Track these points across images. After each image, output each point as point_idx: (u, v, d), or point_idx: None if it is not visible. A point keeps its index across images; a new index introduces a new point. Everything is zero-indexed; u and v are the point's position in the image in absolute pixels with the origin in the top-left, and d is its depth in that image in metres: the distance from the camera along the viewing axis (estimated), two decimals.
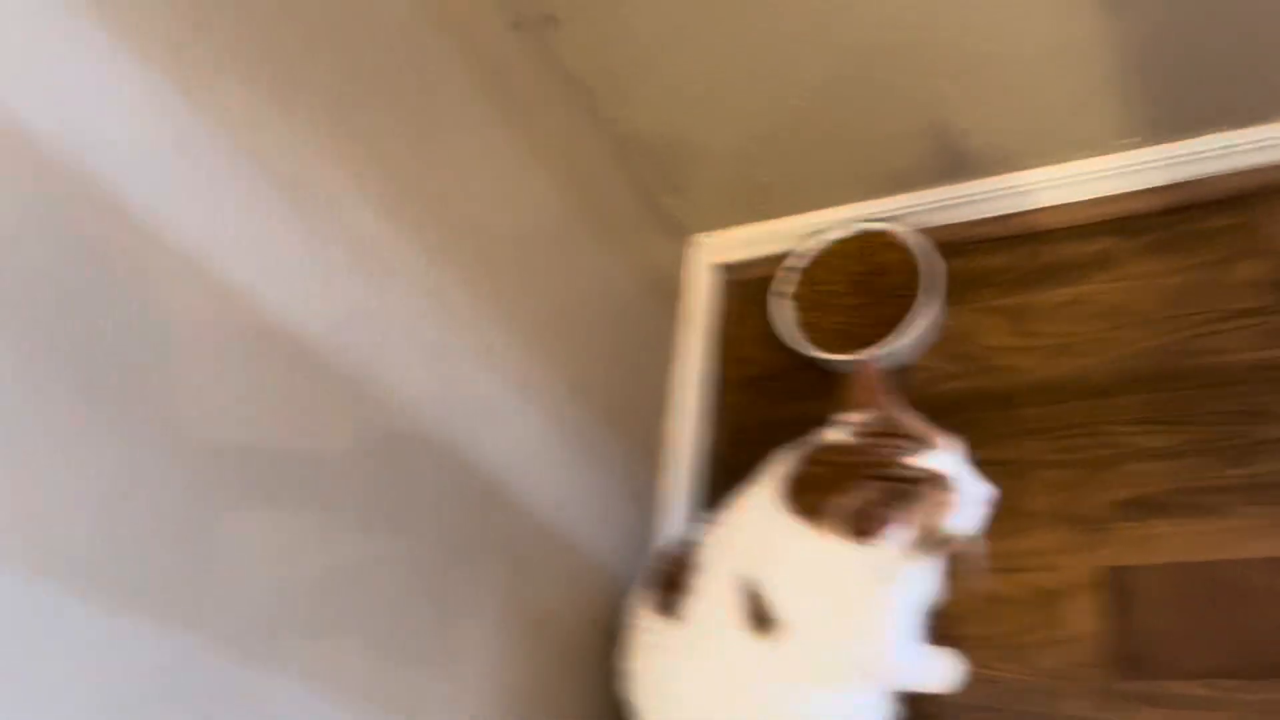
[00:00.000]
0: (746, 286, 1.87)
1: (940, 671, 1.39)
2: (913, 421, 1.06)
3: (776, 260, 1.77)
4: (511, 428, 1.25)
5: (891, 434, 1.03)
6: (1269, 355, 1.43)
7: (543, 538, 1.30)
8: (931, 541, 1.03)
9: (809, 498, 1.06)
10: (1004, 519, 1.44)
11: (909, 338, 1.59)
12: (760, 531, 1.09)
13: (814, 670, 1.15)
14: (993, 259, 1.68)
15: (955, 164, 1.61)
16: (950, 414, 1.58)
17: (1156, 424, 1.45)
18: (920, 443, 1.03)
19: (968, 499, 1.03)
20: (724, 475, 1.71)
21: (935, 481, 1.01)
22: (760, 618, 1.11)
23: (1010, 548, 1.47)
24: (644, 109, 1.56)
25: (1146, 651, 1.33)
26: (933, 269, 1.62)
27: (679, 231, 1.83)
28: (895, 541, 1.00)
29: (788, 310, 1.72)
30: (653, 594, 1.24)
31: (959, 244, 1.70)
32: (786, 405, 1.72)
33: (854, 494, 1.00)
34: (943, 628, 1.31)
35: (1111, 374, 1.51)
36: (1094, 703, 1.34)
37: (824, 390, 1.64)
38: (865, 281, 1.69)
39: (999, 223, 1.69)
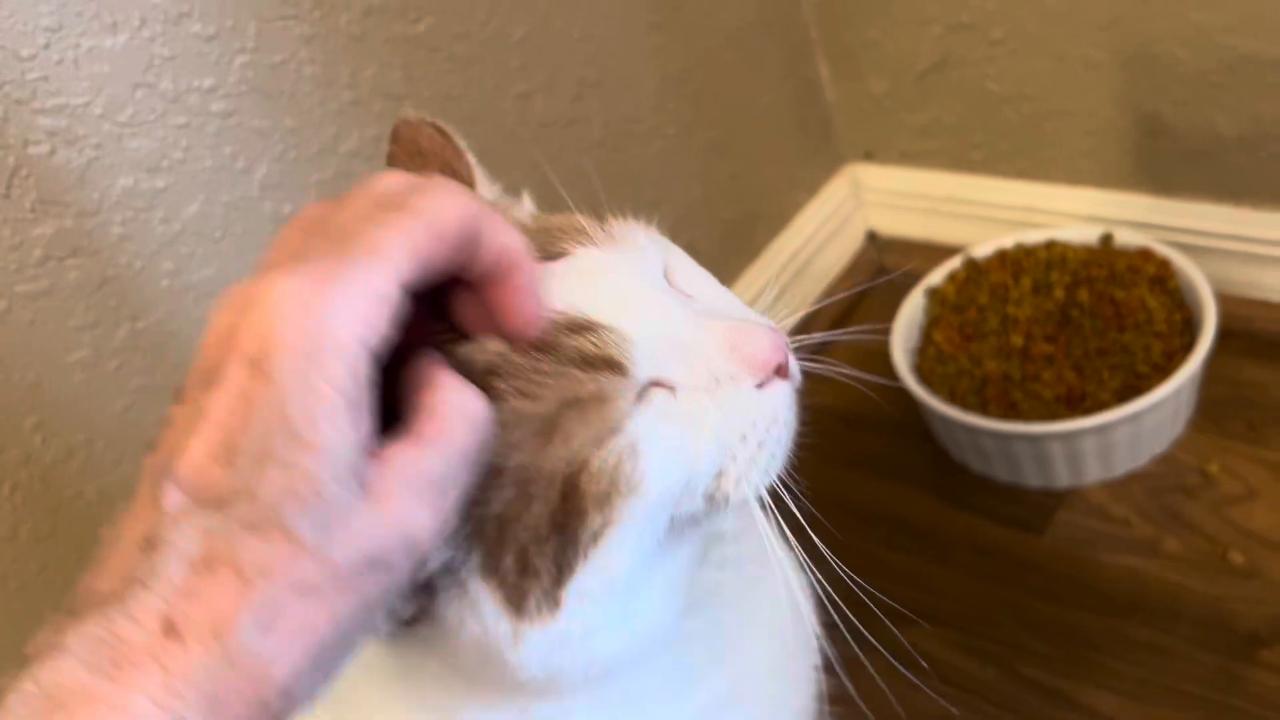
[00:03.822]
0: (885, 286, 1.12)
1: None
2: None
3: (943, 253, 1.04)
4: None
5: None
6: None
7: None
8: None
9: None
10: None
11: (1121, 440, 0.85)
12: None
13: None
14: None
15: None
16: (1096, 609, 0.83)
17: None
18: None
19: None
20: None
21: None
22: None
23: None
24: None
25: None
26: (1207, 341, 0.87)
27: (829, 151, 1.11)
28: None
29: (918, 316, 0.99)
30: None
31: (1258, 334, 0.95)
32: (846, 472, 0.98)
33: None
34: None
35: None
36: None
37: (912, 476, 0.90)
38: (1076, 319, 0.95)
39: None
